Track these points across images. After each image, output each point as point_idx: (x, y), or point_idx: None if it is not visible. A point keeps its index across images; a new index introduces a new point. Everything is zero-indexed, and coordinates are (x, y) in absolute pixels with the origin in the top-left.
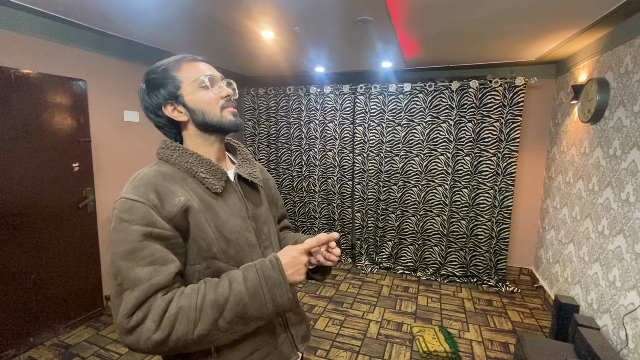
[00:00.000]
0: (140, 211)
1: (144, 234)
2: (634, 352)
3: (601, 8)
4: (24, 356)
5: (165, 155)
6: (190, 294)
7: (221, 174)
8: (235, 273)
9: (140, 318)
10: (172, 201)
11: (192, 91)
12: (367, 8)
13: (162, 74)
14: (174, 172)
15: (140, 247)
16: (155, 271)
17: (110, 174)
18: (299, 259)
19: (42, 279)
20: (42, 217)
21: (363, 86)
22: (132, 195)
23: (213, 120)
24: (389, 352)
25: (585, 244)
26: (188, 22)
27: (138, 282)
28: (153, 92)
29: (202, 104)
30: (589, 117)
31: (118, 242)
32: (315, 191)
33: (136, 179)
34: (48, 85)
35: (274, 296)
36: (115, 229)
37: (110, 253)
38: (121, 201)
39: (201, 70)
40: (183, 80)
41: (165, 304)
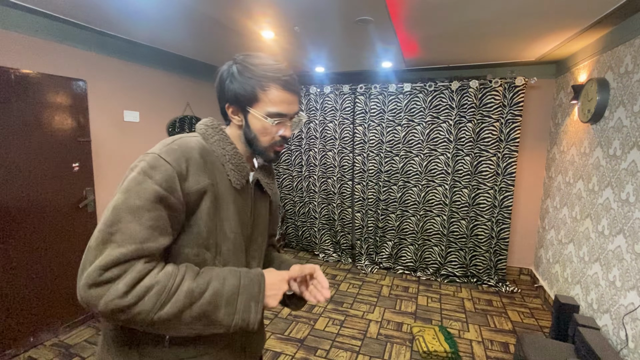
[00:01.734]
0: (167, 173)
1: (160, 197)
2: (634, 352)
3: (601, 8)
4: (24, 356)
5: (206, 133)
6: (170, 274)
7: (246, 173)
8: (218, 271)
9: (114, 275)
10: (197, 178)
11: (259, 116)
12: (367, 8)
13: (248, 81)
14: (208, 154)
15: (150, 208)
16: (151, 237)
17: (110, 174)
18: (279, 286)
19: (42, 279)
20: (42, 217)
21: (363, 86)
22: (165, 155)
23: (258, 147)
24: (389, 352)
25: (585, 244)
26: (188, 22)
27: (130, 240)
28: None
29: (259, 133)
30: (589, 117)
31: (132, 193)
32: (315, 191)
33: (175, 142)
34: (48, 85)
35: (246, 309)
36: (135, 180)
37: (117, 200)
38: (154, 157)
39: (282, 105)
40: (260, 102)
41: (144, 272)
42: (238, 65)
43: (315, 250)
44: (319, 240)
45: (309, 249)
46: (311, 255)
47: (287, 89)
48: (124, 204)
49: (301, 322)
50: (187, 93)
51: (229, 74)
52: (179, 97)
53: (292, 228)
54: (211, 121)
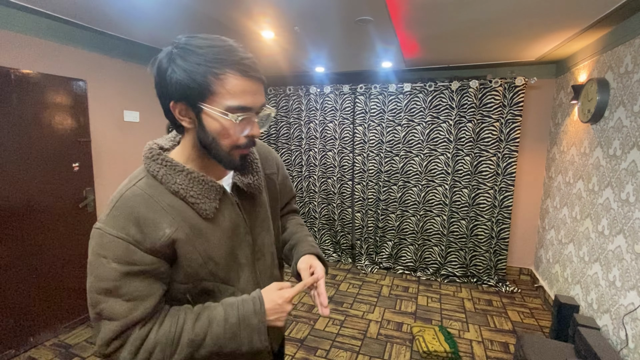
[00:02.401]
0: (119, 249)
1: (122, 272)
2: (634, 352)
3: (601, 8)
4: (24, 356)
5: (151, 169)
6: (169, 329)
7: (215, 192)
8: (216, 312)
9: (116, 347)
10: (155, 234)
11: (216, 113)
12: (367, 8)
13: (197, 68)
14: (160, 194)
15: (119, 286)
16: (134, 307)
17: (110, 174)
18: (282, 307)
19: (42, 279)
20: (42, 217)
21: (363, 86)
22: (110, 229)
23: (218, 153)
24: (389, 352)
25: (585, 244)
26: (188, 22)
27: (115, 317)
28: (175, 74)
29: (218, 134)
30: (589, 117)
31: (95, 277)
32: (315, 191)
33: (116, 204)
34: (48, 85)
35: (251, 341)
36: (92, 263)
37: (89, 284)
38: (99, 233)
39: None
40: (215, 94)
41: (143, 337)
42: (180, 49)
43: None
44: (319, 240)
45: None
46: None
47: (248, 76)
48: (94, 288)
49: (301, 322)
50: None
51: (170, 62)
52: None
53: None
54: (150, 152)
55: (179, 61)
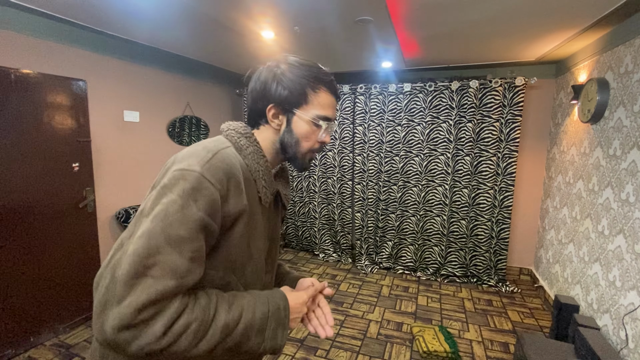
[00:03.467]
0: (212, 198)
1: (203, 224)
2: (634, 352)
3: (601, 8)
4: (24, 356)
5: (238, 143)
6: (205, 307)
7: (274, 189)
8: (248, 300)
9: (149, 315)
10: (236, 200)
11: (305, 119)
12: (367, 8)
13: (299, 81)
14: (244, 170)
15: (194, 238)
16: (192, 270)
17: (110, 174)
18: (301, 309)
19: (42, 279)
20: (42, 217)
21: (363, 86)
22: (209, 176)
23: (296, 153)
24: (389, 352)
25: (585, 244)
26: (188, 22)
27: (171, 275)
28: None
29: (302, 137)
30: (589, 117)
31: (174, 220)
32: (315, 191)
33: (216, 157)
34: (48, 85)
35: (274, 337)
36: (176, 203)
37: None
38: (196, 176)
39: (330, 110)
40: (309, 104)
41: (182, 309)
42: (286, 65)
43: (315, 250)
44: (319, 240)
45: (309, 249)
46: (311, 255)
47: (334, 93)
48: (163, 233)
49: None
50: (187, 93)
51: (276, 74)
52: (179, 97)
53: (292, 228)
54: (244, 128)
55: (287, 73)
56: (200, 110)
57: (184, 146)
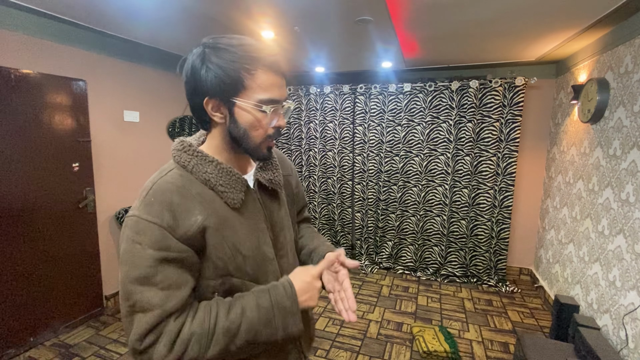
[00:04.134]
0: (153, 234)
1: (157, 258)
2: (634, 352)
3: (601, 8)
4: (24, 356)
5: (182, 159)
6: (203, 319)
7: (241, 184)
8: (248, 299)
9: (151, 341)
10: (188, 221)
11: (247, 107)
12: (367, 8)
13: (230, 65)
14: (191, 183)
15: (154, 273)
16: (169, 296)
17: (110, 174)
18: (312, 285)
19: (42, 279)
20: (42, 217)
21: (363, 86)
22: (145, 215)
23: (248, 144)
24: (389, 352)
25: (585, 244)
26: (188, 22)
27: (150, 308)
28: (210, 72)
29: (249, 127)
30: (589, 117)
31: (130, 265)
32: (315, 191)
33: (150, 192)
34: (48, 85)
35: (285, 325)
36: (127, 251)
37: (122, 275)
38: (134, 220)
39: (273, 90)
40: (247, 89)
41: (178, 328)
42: (211, 49)
43: None
44: None
45: None
46: None
47: (276, 71)
48: (127, 278)
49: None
50: None
51: (204, 61)
52: (179, 97)
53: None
54: (181, 144)
55: (214, 59)
56: None
57: None
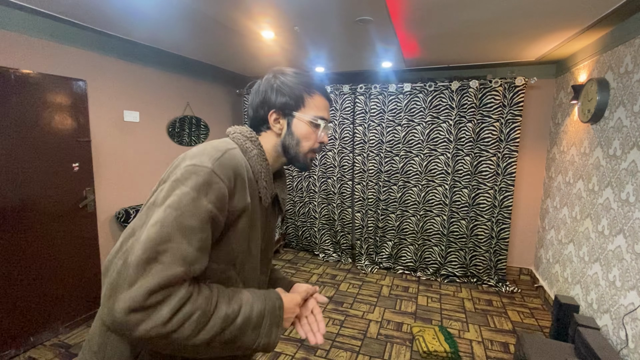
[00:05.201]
0: (221, 192)
1: (212, 215)
2: (634, 352)
3: (601, 8)
4: (24, 356)
5: (244, 145)
6: (208, 298)
7: (272, 190)
8: (247, 295)
9: (159, 300)
10: (241, 196)
11: (304, 120)
12: (367, 8)
13: (296, 87)
14: (246, 168)
15: (203, 229)
16: (199, 259)
17: (110, 174)
18: (294, 310)
19: (42, 279)
20: (41, 217)
21: (363, 86)
22: (219, 172)
23: (297, 154)
24: (389, 352)
25: (585, 244)
26: (188, 22)
27: (181, 262)
28: (280, 90)
29: (303, 137)
30: (589, 117)
31: (186, 211)
32: (315, 191)
33: (225, 156)
34: (48, 85)
35: (269, 334)
36: (189, 196)
37: (168, 217)
38: (208, 172)
39: (325, 111)
40: (306, 107)
41: (187, 297)
42: (282, 74)
43: (315, 250)
44: (319, 240)
45: (309, 249)
46: (311, 255)
47: (327, 97)
48: (175, 222)
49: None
50: (187, 93)
51: (275, 82)
52: (179, 97)
53: (292, 228)
54: (249, 132)
55: (282, 78)
56: (200, 110)
57: (184, 146)
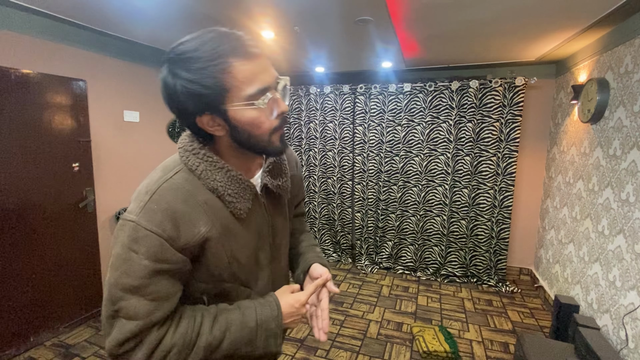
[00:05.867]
0: (152, 244)
1: (152, 270)
2: (634, 352)
3: (601, 8)
4: (24, 356)
5: (190, 162)
6: (186, 330)
7: (250, 192)
8: (233, 315)
9: (130, 347)
10: (190, 232)
11: (242, 110)
12: (367, 8)
13: (204, 76)
14: (197, 190)
15: (146, 284)
16: (157, 308)
17: (110, 174)
18: (299, 311)
19: (42, 279)
20: (42, 217)
21: (363, 86)
22: (145, 223)
23: (258, 145)
24: (389, 352)
25: (585, 244)
26: (188, 22)
27: (136, 317)
28: (187, 89)
29: (251, 126)
30: (589, 117)
31: (122, 272)
32: (315, 191)
33: (153, 196)
34: (48, 85)
35: (267, 345)
36: (120, 257)
37: (111, 279)
38: (132, 226)
39: (259, 77)
40: (231, 90)
41: (159, 338)
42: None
43: None
44: (319, 240)
45: None
46: None
47: (251, 55)
48: (118, 284)
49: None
50: None
51: (175, 78)
52: None
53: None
54: (190, 145)
55: (183, 74)
56: None
57: None
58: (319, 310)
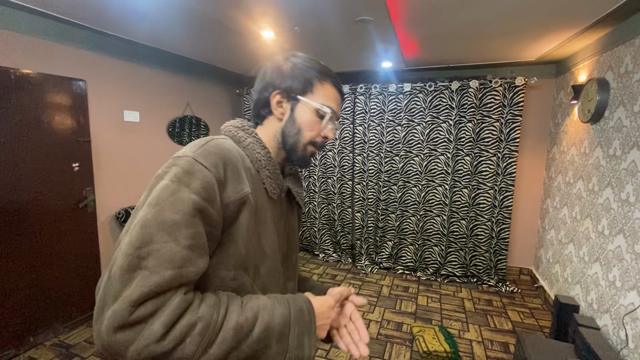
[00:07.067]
0: (205, 180)
1: (198, 208)
2: (634, 352)
3: (601, 8)
4: (24, 356)
5: (237, 135)
6: (213, 305)
7: (280, 181)
8: (265, 300)
9: (148, 313)
10: (237, 186)
11: (310, 107)
12: (367, 8)
13: (306, 70)
14: (242, 157)
15: (188, 223)
16: (191, 259)
17: (110, 174)
18: (329, 314)
19: (42, 279)
20: (42, 217)
21: (363, 86)
22: (202, 159)
23: (295, 144)
24: (389, 352)
25: (585, 244)
26: (188, 22)
27: (167, 265)
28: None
29: (305, 126)
30: (589, 117)
31: (166, 205)
32: (315, 191)
33: (209, 143)
34: (48, 85)
35: (299, 346)
36: (168, 189)
37: (147, 215)
38: (188, 160)
39: (334, 103)
40: (314, 93)
41: (184, 306)
42: (294, 56)
43: (315, 250)
44: (319, 240)
45: (309, 249)
46: (311, 255)
47: (339, 89)
48: (155, 220)
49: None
50: (187, 93)
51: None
52: (179, 97)
53: None
54: (241, 123)
55: (295, 60)
56: (200, 110)
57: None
58: (351, 325)
